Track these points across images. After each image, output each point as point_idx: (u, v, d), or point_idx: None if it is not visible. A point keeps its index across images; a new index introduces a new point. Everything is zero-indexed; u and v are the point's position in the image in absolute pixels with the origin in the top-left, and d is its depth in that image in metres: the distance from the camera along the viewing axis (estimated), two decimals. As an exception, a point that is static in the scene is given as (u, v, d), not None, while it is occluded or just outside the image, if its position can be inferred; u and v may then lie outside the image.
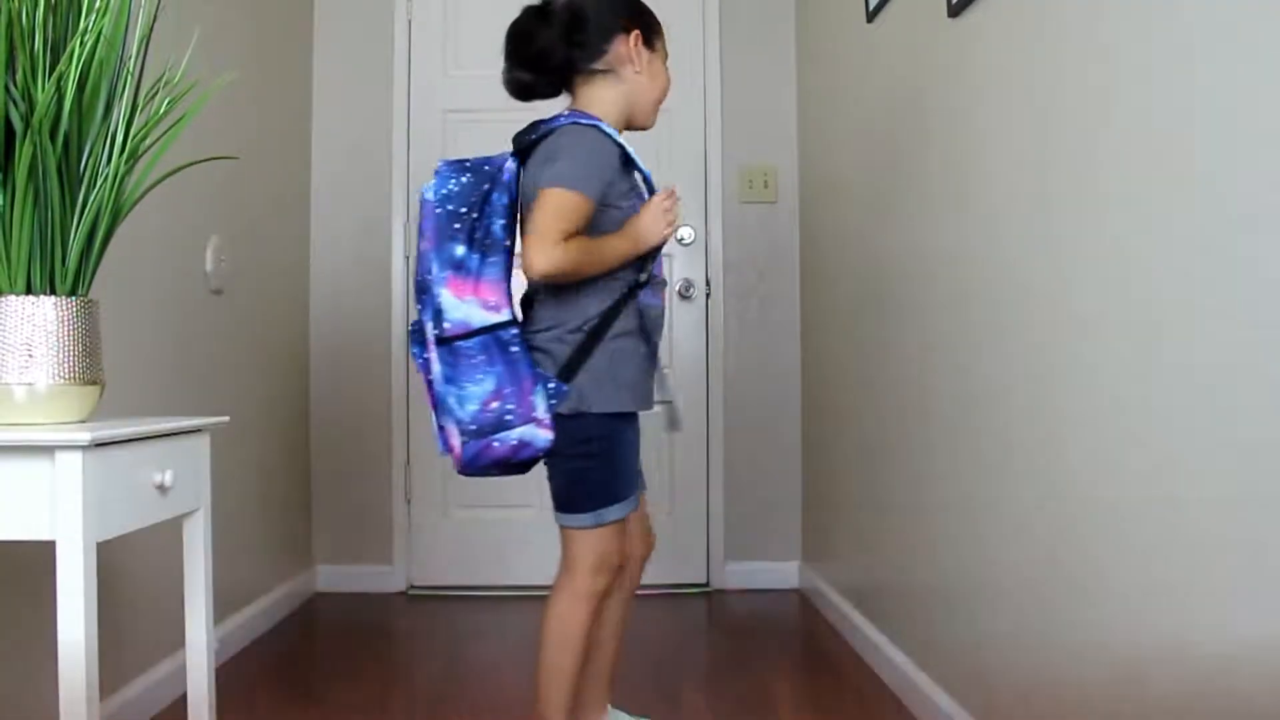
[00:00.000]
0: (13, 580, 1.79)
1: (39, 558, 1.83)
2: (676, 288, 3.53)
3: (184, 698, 2.32)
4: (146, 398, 2.26)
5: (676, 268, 3.54)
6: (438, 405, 1.70)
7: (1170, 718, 1.29)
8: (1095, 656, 1.48)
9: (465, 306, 1.63)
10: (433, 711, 2.30)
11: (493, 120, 2.32)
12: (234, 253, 2.77)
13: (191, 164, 1.66)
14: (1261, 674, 1.12)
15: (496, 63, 1.86)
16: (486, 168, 1.72)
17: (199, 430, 1.58)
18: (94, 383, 1.43)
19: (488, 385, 1.62)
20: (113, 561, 2.11)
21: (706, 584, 3.53)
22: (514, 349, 1.66)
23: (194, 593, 1.61)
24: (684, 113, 3.55)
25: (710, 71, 3.56)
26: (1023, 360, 1.73)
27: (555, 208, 1.64)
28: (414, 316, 1.90)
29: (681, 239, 3.52)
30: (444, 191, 1.68)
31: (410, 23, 3.54)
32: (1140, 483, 1.36)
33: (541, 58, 1.79)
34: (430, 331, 1.66)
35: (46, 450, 1.27)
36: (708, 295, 3.54)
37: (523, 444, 1.66)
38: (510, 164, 1.74)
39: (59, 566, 1.25)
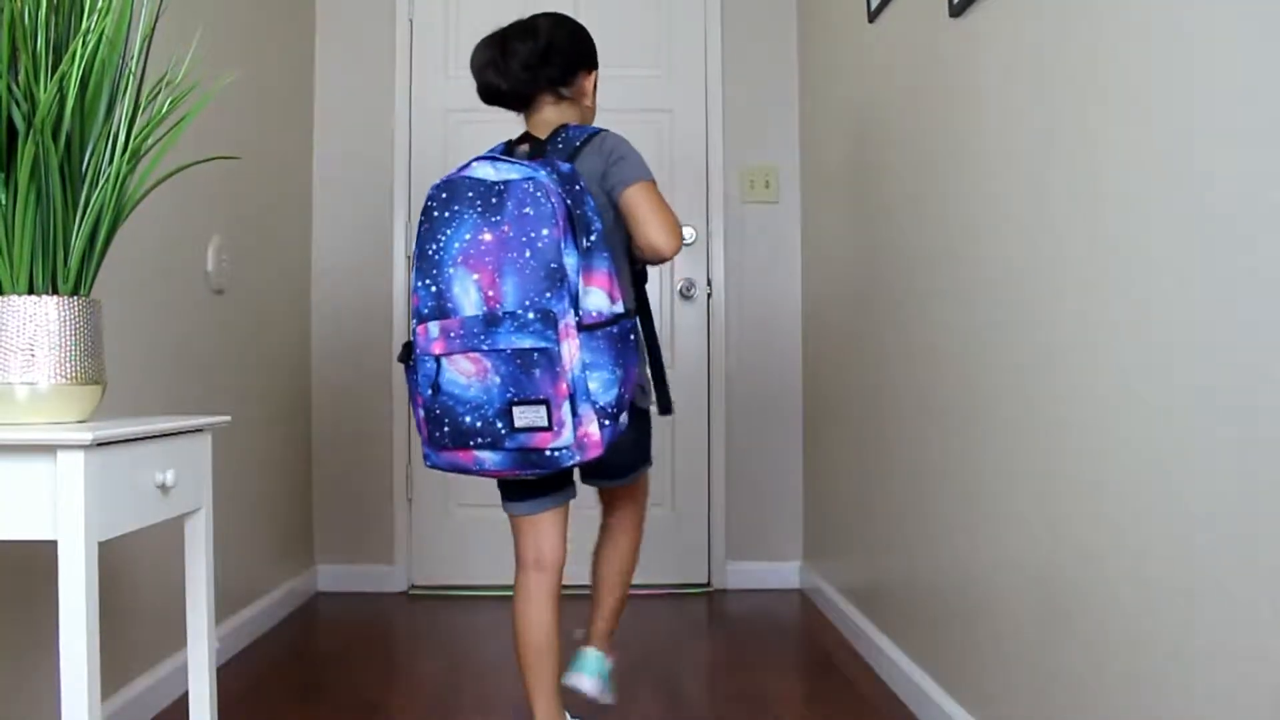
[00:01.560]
0: (13, 580, 1.79)
1: (39, 558, 1.84)
2: (678, 287, 3.53)
3: (185, 697, 2.34)
4: (148, 397, 2.26)
5: (677, 267, 3.54)
6: (573, 393, 1.68)
7: (1171, 715, 1.29)
8: (1093, 655, 1.48)
9: (596, 295, 1.70)
10: (433, 711, 2.30)
11: (493, 120, 2.32)
12: (235, 252, 2.78)
13: (193, 164, 1.66)
14: (1260, 676, 1.12)
15: None
16: (566, 168, 1.74)
17: (200, 430, 1.59)
18: (96, 382, 1.43)
19: (620, 372, 1.70)
20: (113, 561, 2.11)
21: (708, 584, 3.54)
22: (632, 338, 1.73)
23: (195, 592, 1.61)
24: (685, 113, 3.56)
25: (712, 72, 3.56)
26: (1023, 359, 1.73)
27: (657, 196, 1.83)
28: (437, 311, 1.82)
29: (683, 239, 3.53)
30: (550, 182, 1.68)
31: (411, 23, 3.54)
32: (1140, 482, 1.36)
33: (529, 69, 1.89)
34: (570, 319, 1.67)
35: (48, 449, 1.27)
36: (709, 295, 3.55)
37: (623, 424, 1.72)
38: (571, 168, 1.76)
39: (60, 566, 1.25)
